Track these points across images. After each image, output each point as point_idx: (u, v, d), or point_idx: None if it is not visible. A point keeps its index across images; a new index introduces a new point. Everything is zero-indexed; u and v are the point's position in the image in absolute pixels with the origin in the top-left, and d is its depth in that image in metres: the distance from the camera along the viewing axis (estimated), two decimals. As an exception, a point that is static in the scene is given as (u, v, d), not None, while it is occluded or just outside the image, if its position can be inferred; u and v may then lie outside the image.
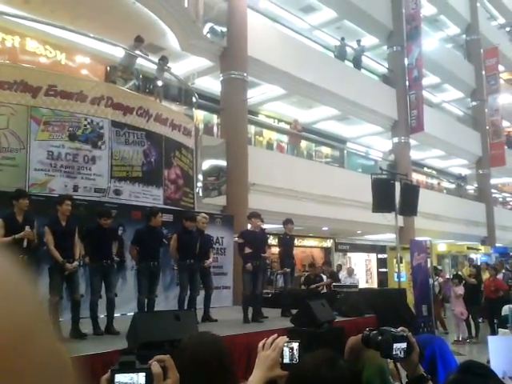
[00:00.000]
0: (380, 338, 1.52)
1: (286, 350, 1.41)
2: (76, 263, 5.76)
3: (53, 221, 5.79)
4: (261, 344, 1.40)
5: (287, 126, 17.84)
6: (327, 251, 20.51)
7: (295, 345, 1.42)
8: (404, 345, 1.49)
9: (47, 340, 0.35)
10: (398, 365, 1.60)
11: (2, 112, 7.55)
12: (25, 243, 5.24)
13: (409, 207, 11.17)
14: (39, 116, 7.85)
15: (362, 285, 17.19)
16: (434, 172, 25.81)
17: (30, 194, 5.93)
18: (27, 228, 5.27)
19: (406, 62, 18.73)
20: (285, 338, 1.44)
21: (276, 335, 1.44)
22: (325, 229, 17.19)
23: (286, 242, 8.44)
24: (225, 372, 1.42)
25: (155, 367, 1.01)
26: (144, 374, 0.98)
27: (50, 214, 6.15)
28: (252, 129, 15.85)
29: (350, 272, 13.59)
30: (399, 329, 1.54)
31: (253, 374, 1.35)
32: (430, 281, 10.98)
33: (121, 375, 0.97)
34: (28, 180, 7.55)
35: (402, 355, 1.49)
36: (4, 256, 0.35)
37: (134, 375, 0.97)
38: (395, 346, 1.48)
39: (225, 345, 1.53)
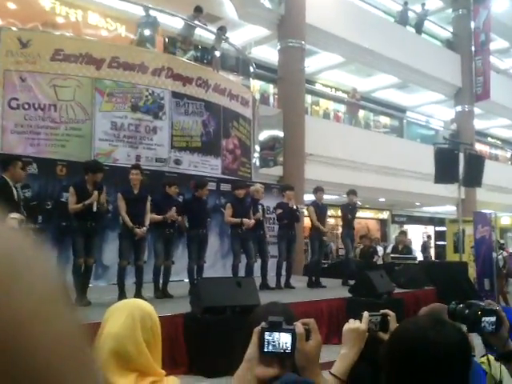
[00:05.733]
0: (467, 311, 1.47)
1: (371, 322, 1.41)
2: (145, 229, 5.95)
3: (126, 188, 6.02)
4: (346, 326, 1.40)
5: (345, 95, 17.47)
6: (383, 223, 20.23)
7: (379, 317, 1.43)
8: (493, 318, 1.43)
9: (61, 325, 0.31)
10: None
11: (68, 84, 7.84)
12: (94, 207, 5.48)
13: (473, 178, 10.76)
14: (103, 88, 8.08)
15: (419, 258, 16.89)
16: (498, 142, 24.61)
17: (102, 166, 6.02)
18: (95, 193, 5.50)
19: (473, 25, 17.72)
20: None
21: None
22: (382, 200, 16.90)
23: (349, 212, 8.43)
24: None
25: (299, 328, 1.10)
26: (290, 333, 1.07)
27: (118, 182, 6.49)
28: (309, 98, 15.63)
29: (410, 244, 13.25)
30: (487, 301, 1.49)
31: (344, 348, 1.35)
32: (494, 255, 10.61)
33: (269, 333, 1.07)
34: (93, 150, 7.86)
35: (490, 329, 1.44)
36: (11, 231, 0.30)
37: (280, 334, 1.07)
38: (484, 319, 1.43)
39: (295, 315, 1.55)
